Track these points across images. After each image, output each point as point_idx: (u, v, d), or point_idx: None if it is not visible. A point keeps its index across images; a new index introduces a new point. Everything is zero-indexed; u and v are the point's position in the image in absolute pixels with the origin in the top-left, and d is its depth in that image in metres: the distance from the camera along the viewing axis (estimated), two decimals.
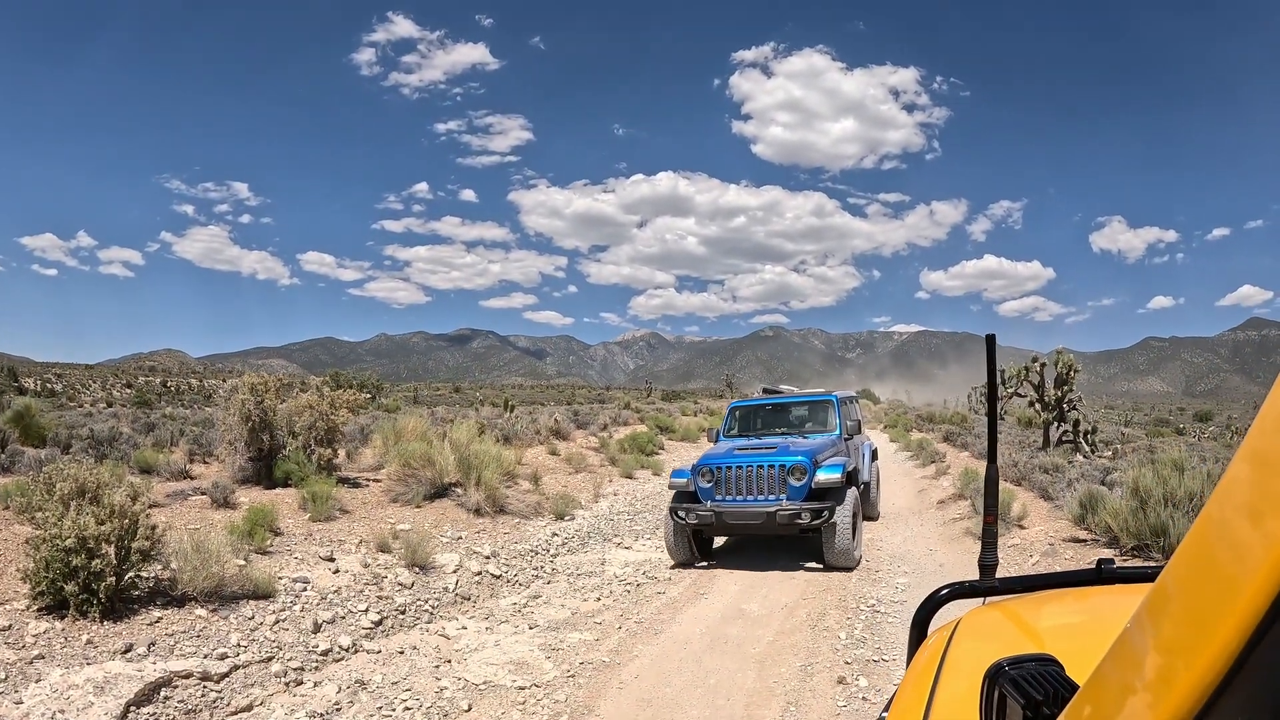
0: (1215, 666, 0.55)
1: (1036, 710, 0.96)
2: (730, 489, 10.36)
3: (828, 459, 10.54)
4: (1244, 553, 0.55)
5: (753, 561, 10.74)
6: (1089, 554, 9.03)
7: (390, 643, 7.36)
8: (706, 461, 10.79)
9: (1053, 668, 1.05)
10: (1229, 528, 0.58)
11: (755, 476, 10.25)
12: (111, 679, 5.50)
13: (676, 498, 10.76)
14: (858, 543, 10.02)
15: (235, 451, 12.04)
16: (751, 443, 11.51)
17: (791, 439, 11.60)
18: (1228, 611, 0.54)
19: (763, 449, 10.78)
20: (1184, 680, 0.57)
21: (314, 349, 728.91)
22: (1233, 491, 0.59)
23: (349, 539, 9.62)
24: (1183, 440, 27.83)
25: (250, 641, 6.61)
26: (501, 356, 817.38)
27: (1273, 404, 0.57)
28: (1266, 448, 0.57)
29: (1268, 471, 0.56)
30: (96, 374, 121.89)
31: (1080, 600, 2.05)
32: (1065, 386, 20.47)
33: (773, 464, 10.20)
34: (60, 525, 6.30)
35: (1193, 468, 9.76)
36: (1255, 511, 0.56)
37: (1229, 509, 0.59)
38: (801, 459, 10.14)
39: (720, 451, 11.25)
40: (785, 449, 10.62)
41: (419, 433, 14.90)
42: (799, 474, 10.04)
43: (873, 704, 5.85)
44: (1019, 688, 1.00)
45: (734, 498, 10.32)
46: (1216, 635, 0.55)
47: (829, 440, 11.53)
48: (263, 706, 5.91)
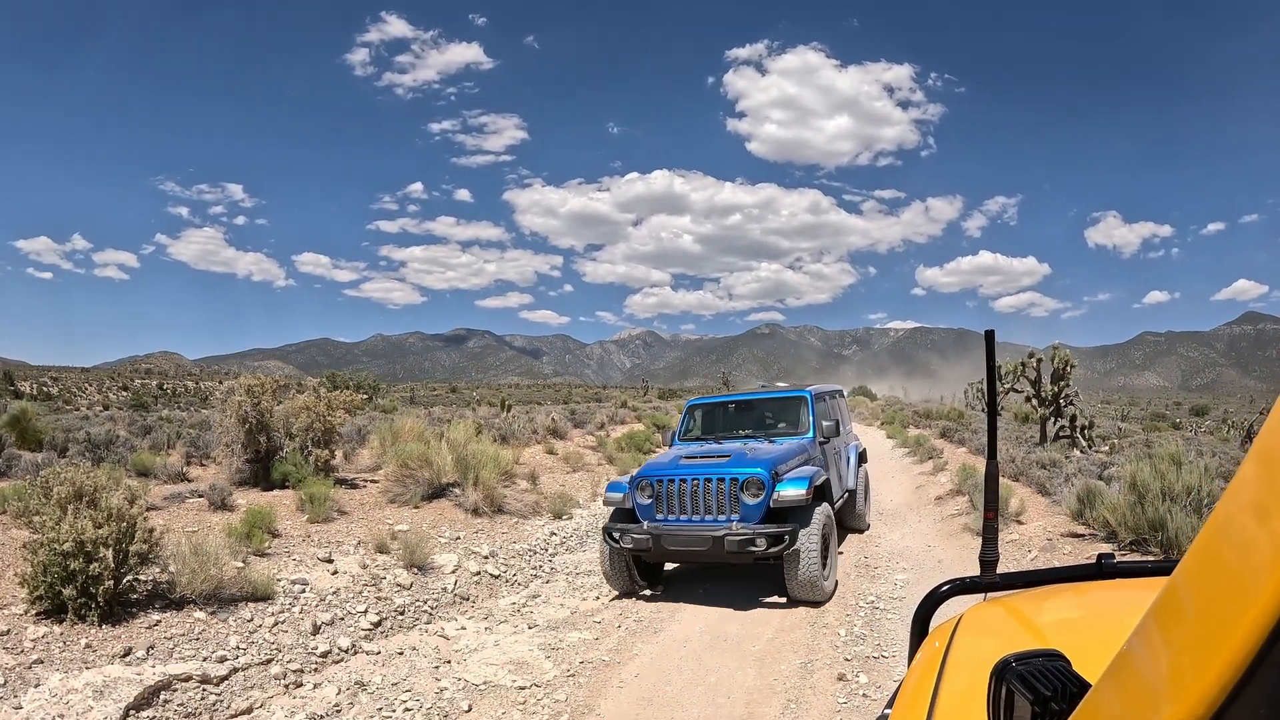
0: (1229, 667, 0.54)
1: (1045, 706, 0.96)
2: (673, 507, 8.72)
3: (792, 470, 8.93)
4: (1252, 552, 0.55)
5: (716, 595, 8.91)
6: (1087, 549, 9.04)
7: (390, 644, 7.36)
8: (646, 473, 9.14)
9: (1060, 663, 1.05)
10: (1238, 527, 0.59)
11: (703, 492, 8.60)
12: (111, 683, 5.49)
13: (614, 516, 9.28)
14: (829, 571, 8.51)
15: (232, 454, 12.04)
16: (703, 450, 9.84)
17: (752, 444, 9.85)
18: (1240, 611, 0.54)
19: (713, 458, 9.13)
20: (1197, 680, 0.57)
21: (310, 350, 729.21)
22: (1242, 491, 0.59)
23: (347, 540, 9.61)
24: (1179, 435, 27.86)
25: (249, 644, 6.61)
26: (498, 356, 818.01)
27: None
28: (1275, 448, 0.57)
29: (1275, 471, 0.56)
30: (92, 377, 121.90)
31: (1081, 595, 2.05)
32: (1062, 382, 20.50)
33: (723, 476, 8.54)
34: (58, 529, 6.29)
35: (1190, 462, 9.76)
36: (1263, 510, 0.56)
37: (1237, 508, 0.59)
38: (758, 471, 8.48)
39: (664, 461, 9.52)
40: (740, 458, 8.95)
41: (416, 433, 14.90)
42: (754, 489, 8.40)
43: (873, 701, 5.85)
44: (1027, 684, 1.00)
45: (677, 517, 8.69)
46: (1229, 635, 0.55)
47: (798, 446, 9.80)
48: (262, 709, 5.91)
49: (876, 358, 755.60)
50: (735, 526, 8.24)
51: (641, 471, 9.31)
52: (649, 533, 8.54)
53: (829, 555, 8.56)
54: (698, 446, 10.24)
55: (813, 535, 8.11)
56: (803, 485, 8.39)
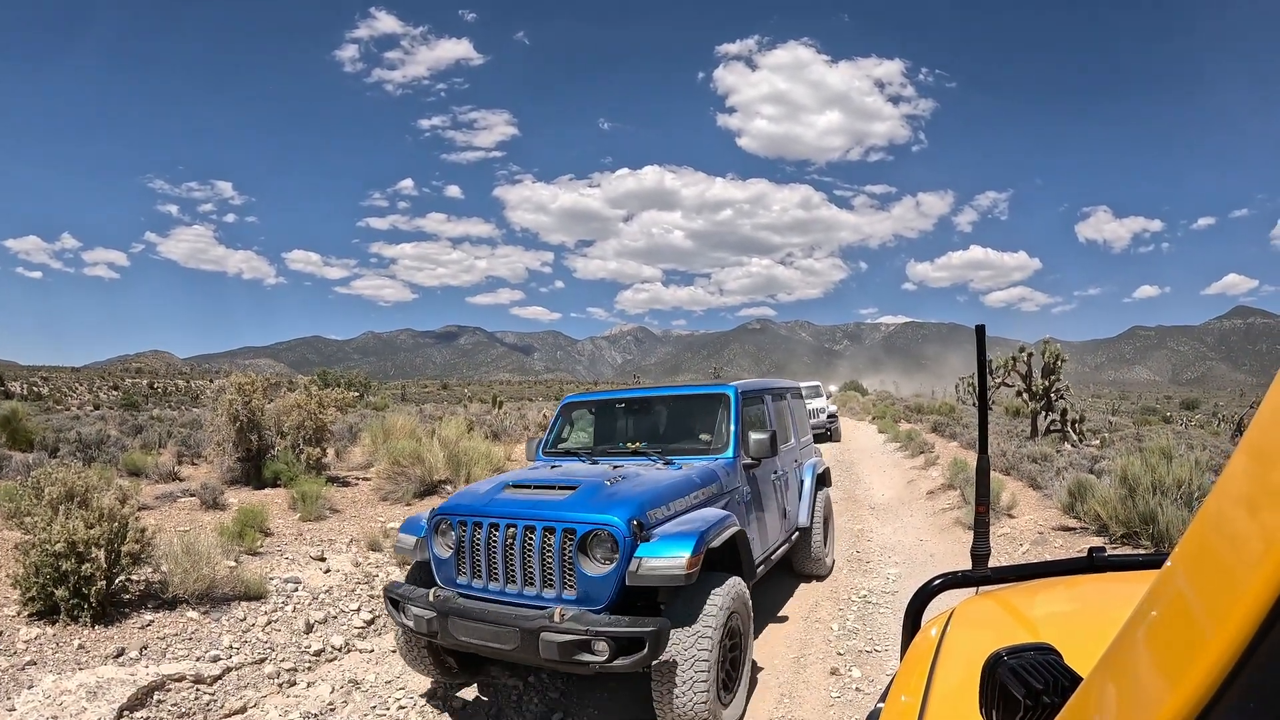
0: (1220, 660, 0.55)
1: (1037, 700, 0.96)
2: (477, 569, 5.34)
3: (674, 518, 5.39)
4: (1243, 545, 0.56)
5: None
6: (1078, 542, 9.08)
7: (383, 641, 7.34)
8: (448, 509, 5.65)
9: (1052, 657, 1.06)
10: (1229, 520, 0.59)
11: (521, 546, 5.11)
12: (104, 684, 5.47)
13: (410, 572, 6.08)
14: (736, 692, 5.31)
15: (224, 452, 12.02)
16: (543, 476, 5.97)
17: (633, 469, 6.15)
18: (1231, 604, 0.55)
19: (552, 490, 5.51)
20: (1188, 673, 0.57)
21: (301, 348, 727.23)
22: (1232, 485, 0.60)
23: (339, 538, 9.60)
24: (1170, 428, 27.99)
25: (242, 643, 6.59)
26: (489, 353, 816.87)
27: (1272, 398, 0.58)
28: (1265, 442, 0.58)
29: (1266, 465, 0.57)
30: (83, 376, 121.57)
31: (1073, 588, 2.06)
32: (1053, 376, 20.61)
33: (552, 525, 5.05)
34: (49, 530, 6.27)
35: (1180, 455, 9.82)
36: (1253, 504, 0.57)
37: (1228, 502, 0.60)
38: (608, 519, 4.95)
39: (481, 490, 5.88)
40: (590, 493, 5.33)
41: (408, 430, 14.91)
42: (603, 550, 4.96)
43: (866, 695, 5.87)
44: (1019, 677, 1.01)
45: (484, 585, 5.29)
46: (1220, 629, 0.55)
47: (697, 475, 6.08)
48: (256, 708, 5.90)
49: (868, 352, 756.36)
50: (560, 613, 4.73)
51: (444, 506, 5.77)
52: (436, 606, 5.18)
53: (740, 665, 5.43)
54: (546, 469, 6.59)
55: (700, 637, 4.81)
56: (685, 547, 4.84)
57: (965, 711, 1.19)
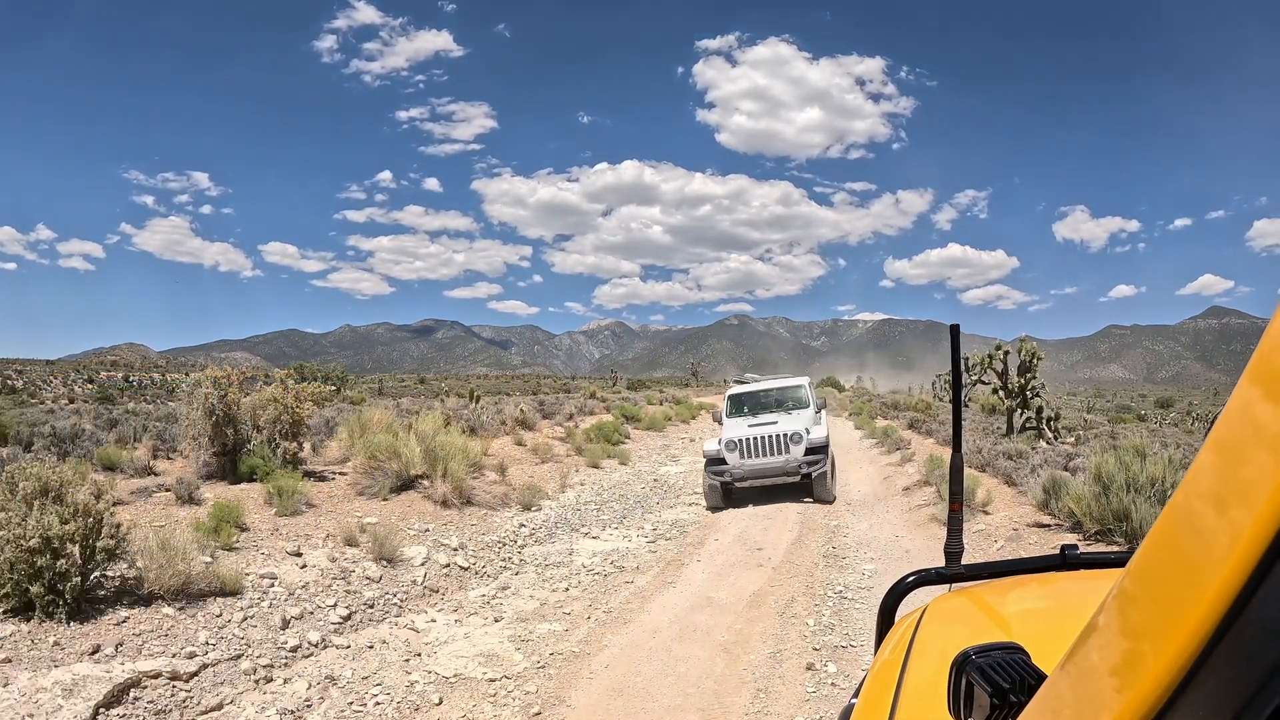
0: (1183, 654, 0.56)
1: (1004, 698, 0.98)
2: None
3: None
4: (1210, 540, 0.56)
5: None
6: (1053, 539, 9.16)
7: (359, 637, 7.34)
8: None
9: (1019, 656, 1.07)
10: (1195, 515, 0.59)
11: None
12: (80, 681, 5.44)
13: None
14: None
15: (199, 447, 11.91)
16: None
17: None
18: (1195, 599, 0.55)
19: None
20: (1152, 668, 0.58)
21: (277, 341, 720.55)
22: (1199, 480, 0.61)
23: (316, 533, 9.55)
24: (1144, 426, 28.26)
25: (219, 639, 6.57)
26: (466, 347, 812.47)
27: (1238, 395, 0.59)
28: (1231, 437, 0.59)
29: (1231, 460, 0.58)
30: (58, 369, 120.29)
31: (1045, 586, 2.08)
32: (1029, 374, 20.74)
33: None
34: (24, 525, 6.22)
35: (1154, 453, 9.91)
36: (1220, 500, 0.57)
37: (1195, 497, 0.61)
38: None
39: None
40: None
41: (384, 425, 14.82)
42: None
43: (841, 689, 5.91)
44: (986, 676, 1.02)
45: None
46: (1184, 623, 0.56)
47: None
48: (233, 705, 5.88)
49: (846, 348, 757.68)
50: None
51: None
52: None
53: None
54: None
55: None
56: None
57: (937, 707, 1.21)
